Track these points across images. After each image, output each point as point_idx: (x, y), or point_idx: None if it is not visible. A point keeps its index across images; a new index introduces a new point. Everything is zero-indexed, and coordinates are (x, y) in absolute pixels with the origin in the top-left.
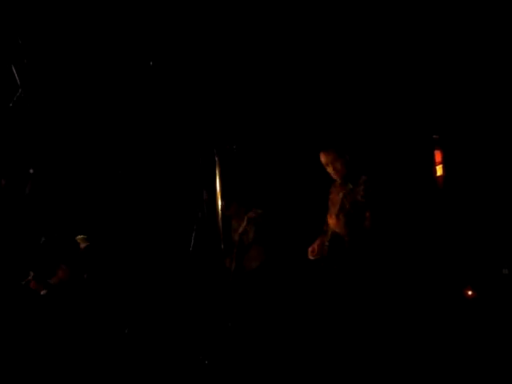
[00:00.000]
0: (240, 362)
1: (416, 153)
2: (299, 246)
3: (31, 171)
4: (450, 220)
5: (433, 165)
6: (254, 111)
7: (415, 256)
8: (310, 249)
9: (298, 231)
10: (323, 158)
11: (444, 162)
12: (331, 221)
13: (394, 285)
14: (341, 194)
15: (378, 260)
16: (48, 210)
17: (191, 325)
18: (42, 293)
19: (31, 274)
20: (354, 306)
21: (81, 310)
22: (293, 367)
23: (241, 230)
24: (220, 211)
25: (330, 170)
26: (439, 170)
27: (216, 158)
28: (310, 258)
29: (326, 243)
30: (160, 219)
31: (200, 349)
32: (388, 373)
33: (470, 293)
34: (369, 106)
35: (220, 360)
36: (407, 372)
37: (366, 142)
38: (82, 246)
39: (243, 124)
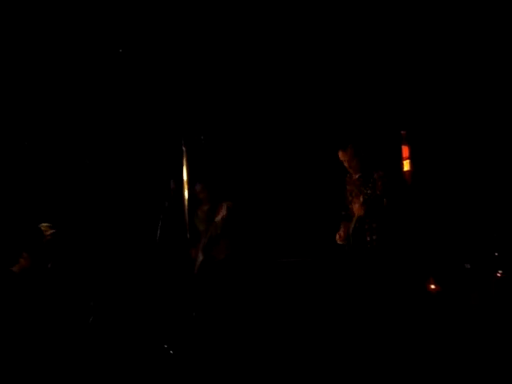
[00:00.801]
0: (205, 351)
1: (384, 148)
2: (266, 239)
3: None
4: (415, 214)
5: (400, 160)
6: (223, 102)
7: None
8: (337, 236)
9: (265, 223)
10: (341, 156)
11: (411, 158)
12: (356, 209)
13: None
14: (361, 189)
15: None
16: (11, 198)
17: (156, 314)
18: None
19: None
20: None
21: (44, 298)
22: (257, 356)
23: (219, 218)
24: (187, 201)
25: (346, 165)
26: (406, 165)
27: (183, 148)
28: (339, 242)
29: (352, 227)
30: (127, 208)
31: (165, 338)
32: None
33: (433, 286)
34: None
35: (185, 349)
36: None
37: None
38: (47, 233)
39: (212, 114)
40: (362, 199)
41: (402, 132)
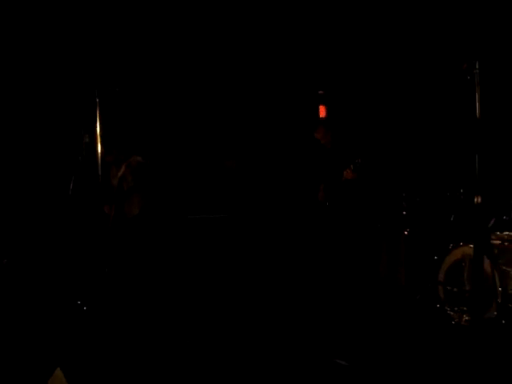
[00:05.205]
0: (118, 307)
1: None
2: (179, 194)
3: None
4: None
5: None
6: (139, 52)
7: None
8: (320, 194)
9: (178, 178)
10: (316, 135)
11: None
12: (348, 174)
13: None
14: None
15: None
16: None
17: (69, 270)
18: None
19: None
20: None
21: None
22: (169, 309)
23: (119, 175)
24: (100, 156)
25: (322, 142)
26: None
27: (97, 100)
28: (321, 200)
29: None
30: (39, 162)
31: (78, 294)
32: None
33: None
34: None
35: (98, 305)
36: None
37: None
38: None
39: (127, 64)
40: (352, 167)
41: (320, 92)
